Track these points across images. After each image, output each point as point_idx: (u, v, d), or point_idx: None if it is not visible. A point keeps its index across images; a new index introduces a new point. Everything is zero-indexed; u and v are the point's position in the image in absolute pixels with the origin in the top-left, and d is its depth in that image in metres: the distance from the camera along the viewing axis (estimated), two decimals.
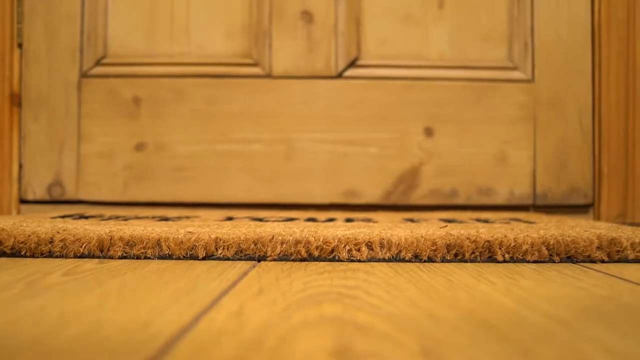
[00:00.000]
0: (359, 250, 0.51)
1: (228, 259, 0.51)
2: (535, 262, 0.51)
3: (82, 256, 0.51)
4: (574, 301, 0.35)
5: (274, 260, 0.51)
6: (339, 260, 0.51)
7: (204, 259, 0.51)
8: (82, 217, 0.76)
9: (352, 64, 1.02)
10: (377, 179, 1.00)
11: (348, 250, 0.51)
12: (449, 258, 0.51)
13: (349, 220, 0.77)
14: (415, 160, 1.01)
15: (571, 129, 1.01)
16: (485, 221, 0.76)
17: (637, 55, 0.99)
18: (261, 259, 0.51)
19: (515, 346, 0.25)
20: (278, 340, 0.26)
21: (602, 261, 0.52)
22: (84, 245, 0.51)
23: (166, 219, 0.74)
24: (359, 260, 0.51)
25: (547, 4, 1.01)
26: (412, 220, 0.76)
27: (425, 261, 0.51)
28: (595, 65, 1.01)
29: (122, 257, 0.51)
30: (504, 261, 0.51)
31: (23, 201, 0.99)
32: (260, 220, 0.75)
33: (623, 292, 0.38)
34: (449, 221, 0.76)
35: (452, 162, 1.01)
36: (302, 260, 0.51)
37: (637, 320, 0.30)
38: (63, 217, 0.75)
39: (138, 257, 0.51)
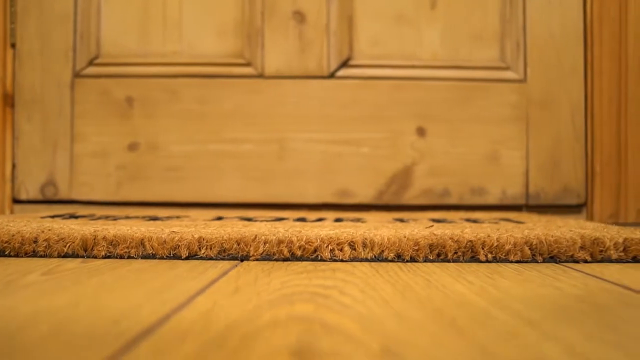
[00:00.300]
0: (341, 250, 0.51)
1: (211, 258, 0.51)
2: (517, 262, 0.51)
3: (66, 255, 0.52)
4: (547, 301, 0.35)
5: (257, 260, 0.51)
6: (322, 260, 0.51)
7: (187, 258, 0.51)
8: (72, 216, 0.77)
9: (345, 63, 1.02)
10: (369, 178, 1.00)
11: (330, 250, 0.51)
12: (431, 258, 0.51)
13: (338, 220, 0.77)
14: (407, 160, 1.01)
15: (564, 128, 1.01)
16: (475, 221, 0.76)
17: (629, 54, 0.99)
18: (244, 258, 0.51)
19: (477, 346, 0.25)
20: (242, 340, 0.26)
21: (585, 261, 0.52)
22: (67, 245, 0.51)
23: (156, 219, 0.74)
24: (342, 260, 0.51)
25: (539, 3, 1.01)
26: (401, 220, 0.76)
27: (407, 261, 0.51)
28: (588, 65, 1.01)
29: (106, 257, 0.51)
30: (487, 261, 0.51)
31: (16, 201, 1.00)
32: (249, 220, 0.75)
33: (599, 292, 0.38)
34: (439, 221, 0.76)
35: (445, 162, 1.01)
36: (285, 260, 0.51)
37: (605, 321, 0.30)
38: (53, 217, 0.75)
39: (122, 257, 0.51)
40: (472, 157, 1.01)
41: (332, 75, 1.02)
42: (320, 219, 0.78)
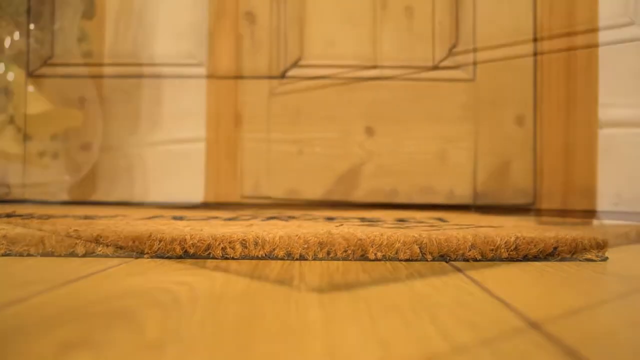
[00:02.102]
0: (233, 248, 0.52)
1: (108, 256, 0.53)
2: (407, 260, 0.52)
3: None
4: (367, 300, 0.36)
5: (152, 257, 0.52)
6: (214, 257, 0.52)
7: (84, 256, 0.52)
8: (8, 215, 0.78)
9: (295, 64, 1.03)
10: (318, 178, 1.01)
11: (222, 248, 0.52)
12: (320, 256, 0.52)
13: (270, 218, 0.78)
14: (356, 159, 1.01)
15: (513, 128, 1.01)
16: (404, 221, 0.77)
17: (577, 55, 0.99)
18: (139, 256, 0.53)
19: (240, 344, 0.26)
20: (30, 333, 0.27)
21: (476, 260, 0.52)
22: None
23: (90, 218, 0.76)
24: (233, 258, 0.52)
25: (489, 3, 1.02)
26: (330, 219, 0.77)
27: (297, 259, 0.52)
28: (538, 65, 1.01)
29: (5, 255, 0.53)
30: (377, 259, 0.52)
31: None
32: (180, 218, 0.76)
33: (445, 289, 0.39)
34: (368, 220, 0.76)
35: (393, 161, 1.01)
36: (179, 257, 0.52)
37: (393, 319, 0.31)
38: None
39: (21, 255, 0.53)
40: (421, 156, 1.01)
41: (282, 76, 1.03)
42: (252, 217, 0.79)
